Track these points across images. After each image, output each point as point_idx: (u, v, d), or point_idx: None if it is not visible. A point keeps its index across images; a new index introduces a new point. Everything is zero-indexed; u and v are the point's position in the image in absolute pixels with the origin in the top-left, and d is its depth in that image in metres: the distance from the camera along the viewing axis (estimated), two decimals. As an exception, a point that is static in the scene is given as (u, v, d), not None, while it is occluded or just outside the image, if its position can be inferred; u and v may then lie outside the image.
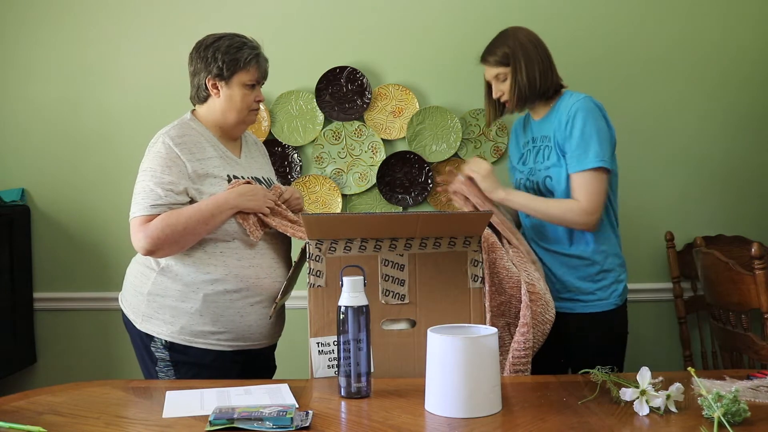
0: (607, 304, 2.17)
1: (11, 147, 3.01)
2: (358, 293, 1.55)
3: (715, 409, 1.31)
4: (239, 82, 2.04)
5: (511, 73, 2.20)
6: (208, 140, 2.05)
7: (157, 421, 1.42)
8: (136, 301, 2.01)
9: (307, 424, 1.37)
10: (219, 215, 1.93)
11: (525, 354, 1.85)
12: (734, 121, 2.94)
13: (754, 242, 2.28)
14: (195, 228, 1.91)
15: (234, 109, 2.05)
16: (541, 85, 2.20)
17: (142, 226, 1.91)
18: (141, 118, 2.95)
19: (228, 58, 2.02)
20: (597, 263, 2.17)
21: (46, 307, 3.01)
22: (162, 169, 1.94)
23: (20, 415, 1.45)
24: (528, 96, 2.20)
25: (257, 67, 2.06)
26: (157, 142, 1.99)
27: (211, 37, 2.07)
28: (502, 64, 2.20)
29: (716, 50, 2.94)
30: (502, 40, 2.23)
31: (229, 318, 1.96)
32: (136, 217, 1.93)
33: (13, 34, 3.00)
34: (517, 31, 2.24)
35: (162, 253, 1.93)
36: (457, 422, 1.38)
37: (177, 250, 1.94)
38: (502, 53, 2.20)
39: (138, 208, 1.93)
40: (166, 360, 1.97)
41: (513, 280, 1.93)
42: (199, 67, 2.05)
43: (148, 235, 1.89)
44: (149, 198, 1.92)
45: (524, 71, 2.18)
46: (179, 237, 1.90)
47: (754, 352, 2.24)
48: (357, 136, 2.95)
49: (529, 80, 2.18)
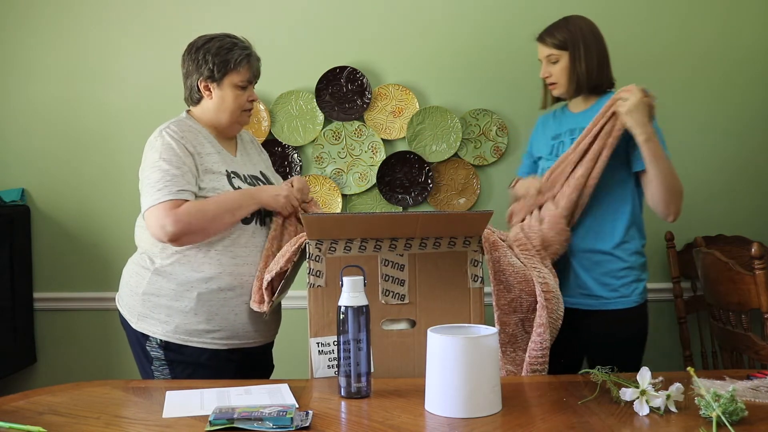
0: (629, 302, 2.17)
1: (11, 147, 3.01)
2: (358, 293, 1.55)
3: (714, 408, 1.31)
4: (231, 83, 2.04)
5: (569, 60, 2.21)
6: (206, 137, 2.06)
7: (157, 421, 1.42)
8: (131, 300, 2.01)
9: (307, 424, 1.37)
10: (246, 207, 1.96)
11: (542, 354, 1.85)
12: (735, 121, 2.94)
13: (754, 242, 2.28)
14: (223, 216, 1.93)
15: (227, 110, 2.05)
16: (597, 77, 2.22)
17: (171, 211, 1.88)
18: (141, 118, 2.94)
19: (218, 60, 2.02)
20: (623, 260, 2.17)
21: (46, 307, 3.01)
22: (177, 158, 1.94)
23: (20, 415, 1.45)
24: (584, 85, 2.22)
25: (248, 67, 2.05)
26: (159, 137, 1.99)
27: (201, 39, 2.06)
28: (558, 47, 2.22)
29: (717, 51, 2.94)
30: (564, 25, 2.25)
31: (223, 316, 1.96)
32: (160, 203, 1.89)
33: (13, 34, 3.00)
34: (579, 20, 2.26)
35: (186, 240, 1.92)
36: (457, 422, 1.38)
37: (200, 239, 1.94)
38: (562, 37, 2.22)
39: (161, 194, 1.89)
40: (161, 359, 1.97)
41: (519, 275, 1.92)
42: (190, 70, 2.05)
43: (179, 220, 1.87)
44: (173, 184, 1.90)
45: (583, 60, 2.20)
46: (207, 224, 1.91)
47: (754, 352, 2.24)
48: (357, 136, 2.95)
49: (587, 69, 2.20)
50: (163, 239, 1.92)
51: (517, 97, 2.93)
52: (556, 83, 2.26)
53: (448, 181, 2.96)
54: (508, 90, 2.94)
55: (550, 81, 2.27)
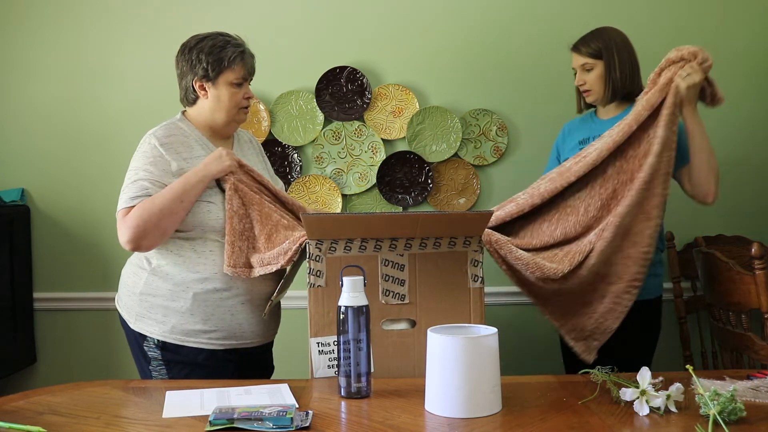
0: (647, 294, 2.22)
1: (11, 147, 3.01)
2: (358, 293, 1.55)
3: (711, 406, 1.31)
4: (226, 82, 2.03)
5: (604, 68, 2.30)
6: (197, 140, 2.05)
7: (157, 421, 1.42)
8: (129, 301, 2.02)
9: (307, 424, 1.37)
10: (192, 186, 1.91)
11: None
12: (735, 121, 2.94)
13: (754, 242, 2.27)
14: (171, 207, 1.89)
15: (223, 108, 2.05)
16: (630, 84, 2.30)
17: (122, 219, 1.90)
18: (141, 118, 2.94)
19: (212, 58, 2.01)
20: None
21: (46, 307, 3.01)
22: (145, 166, 1.95)
23: (20, 415, 1.45)
24: (618, 92, 2.30)
25: (243, 64, 2.05)
26: (144, 143, 2.01)
27: (194, 39, 2.06)
28: (592, 56, 2.31)
29: (718, 51, 2.93)
30: (598, 35, 2.33)
31: (219, 316, 1.96)
32: (118, 212, 1.93)
33: (13, 34, 3.00)
34: (612, 31, 2.35)
35: (146, 243, 1.91)
36: (457, 422, 1.38)
37: (160, 237, 1.92)
38: (596, 46, 2.30)
39: (120, 203, 1.93)
40: (158, 359, 1.97)
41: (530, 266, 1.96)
42: (185, 70, 2.05)
43: (129, 226, 1.88)
44: (130, 191, 1.93)
45: (617, 68, 2.29)
46: (159, 219, 1.88)
47: (754, 352, 2.24)
48: (357, 136, 2.95)
49: (621, 77, 2.29)
50: (127, 248, 1.93)
51: (517, 97, 2.94)
52: (590, 90, 2.34)
53: (448, 181, 2.96)
54: (508, 90, 2.94)
55: (584, 89, 2.36)
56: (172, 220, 1.90)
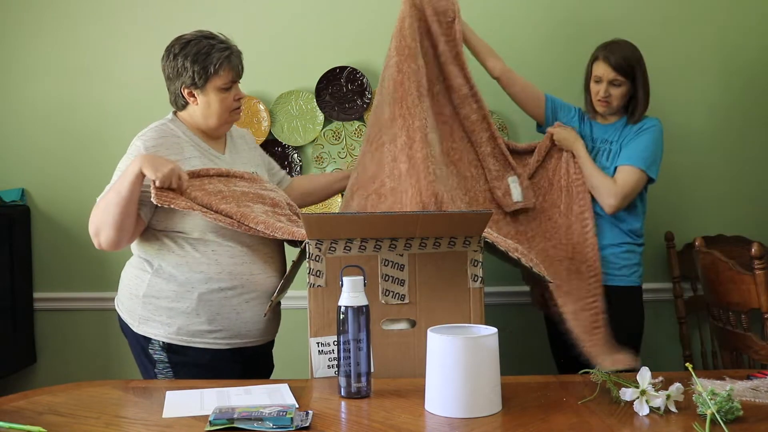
0: (629, 281, 2.41)
1: (11, 147, 3.01)
2: (358, 293, 1.55)
3: (710, 405, 1.31)
4: (214, 87, 2.02)
5: (630, 87, 2.40)
6: (189, 140, 2.05)
7: (157, 421, 1.42)
8: (132, 304, 2.01)
9: (307, 424, 1.37)
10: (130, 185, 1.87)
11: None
12: (735, 121, 2.94)
13: (754, 242, 2.28)
14: (112, 200, 1.90)
15: (214, 114, 2.05)
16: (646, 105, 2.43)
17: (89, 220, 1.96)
18: (141, 118, 2.91)
19: (198, 67, 1.99)
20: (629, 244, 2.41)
21: (46, 307, 3.01)
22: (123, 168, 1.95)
23: (20, 415, 1.45)
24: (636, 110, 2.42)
25: (229, 68, 2.02)
26: (131, 146, 2.02)
27: (178, 44, 2.03)
28: (624, 73, 2.38)
29: (718, 51, 2.94)
30: (630, 53, 2.39)
31: (225, 316, 1.96)
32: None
33: (13, 34, 3.00)
34: (635, 48, 2.43)
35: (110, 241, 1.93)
36: (457, 422, 1.38)
37: (120, 235, 1.92)
38: (629, 66, 2.38)
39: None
40: (164, 362, 1.96)
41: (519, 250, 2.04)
42: (171, 76, 2.04)
43: (90, 224, 1.94)
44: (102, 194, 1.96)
45: (641, 88, 2.40)
46: (108, 217, 1.90)
47: (754, 352, 2.25)
48: (357, 136, 2.95)
49: (644, 98, 2.41)
50: (97, 247, 1.97)
51: (517, 97, 2.93)
52: (610, 104, 2.41)
53: (448, 181, 2.95)
54: (508, 90, 2.93)
55: (606, 100, 2.41)
56: (121, 214, 1.89)
